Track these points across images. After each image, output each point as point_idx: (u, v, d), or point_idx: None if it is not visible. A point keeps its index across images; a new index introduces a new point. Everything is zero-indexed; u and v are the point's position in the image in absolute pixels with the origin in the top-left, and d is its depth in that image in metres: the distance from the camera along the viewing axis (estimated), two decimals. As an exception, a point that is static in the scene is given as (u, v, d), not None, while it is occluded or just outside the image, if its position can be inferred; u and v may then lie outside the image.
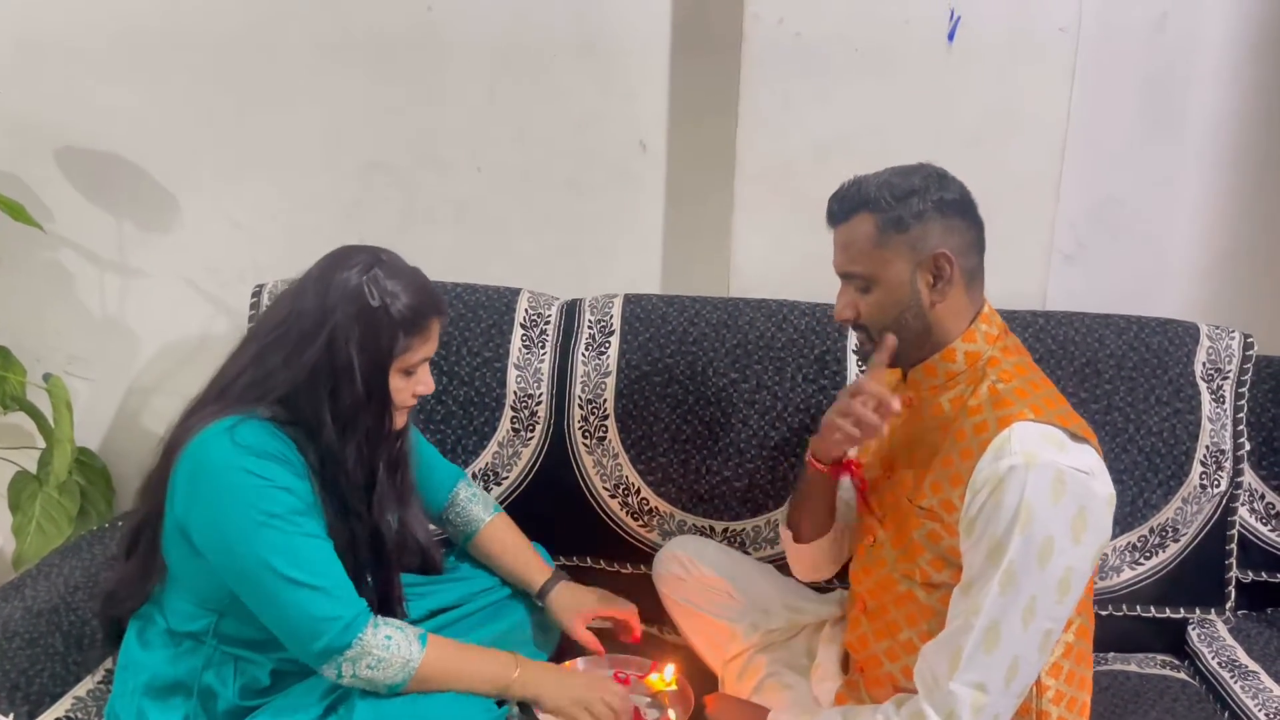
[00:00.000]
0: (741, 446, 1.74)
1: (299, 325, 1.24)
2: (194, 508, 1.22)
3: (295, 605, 1.19)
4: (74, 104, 2.00)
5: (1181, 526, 1.69)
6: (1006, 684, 1.16)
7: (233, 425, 1.21)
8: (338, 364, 1.22)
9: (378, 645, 1.21)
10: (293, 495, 1.21)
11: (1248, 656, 1.64)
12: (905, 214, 1.22)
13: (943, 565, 1.25)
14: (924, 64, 1.77)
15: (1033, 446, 1.15)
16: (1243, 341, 1.72)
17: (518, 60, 1.95)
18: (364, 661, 1.20)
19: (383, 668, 1.21)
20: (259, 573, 1.19)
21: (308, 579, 1.19)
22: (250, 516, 1.18)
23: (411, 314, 1.26)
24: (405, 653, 1.23)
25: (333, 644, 1.19)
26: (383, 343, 1.24)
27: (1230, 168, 1.92)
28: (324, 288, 1.24)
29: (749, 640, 1.55)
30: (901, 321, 1.26)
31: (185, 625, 1.30)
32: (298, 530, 1.20)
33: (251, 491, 1.19)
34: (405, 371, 1.29)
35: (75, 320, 2.11)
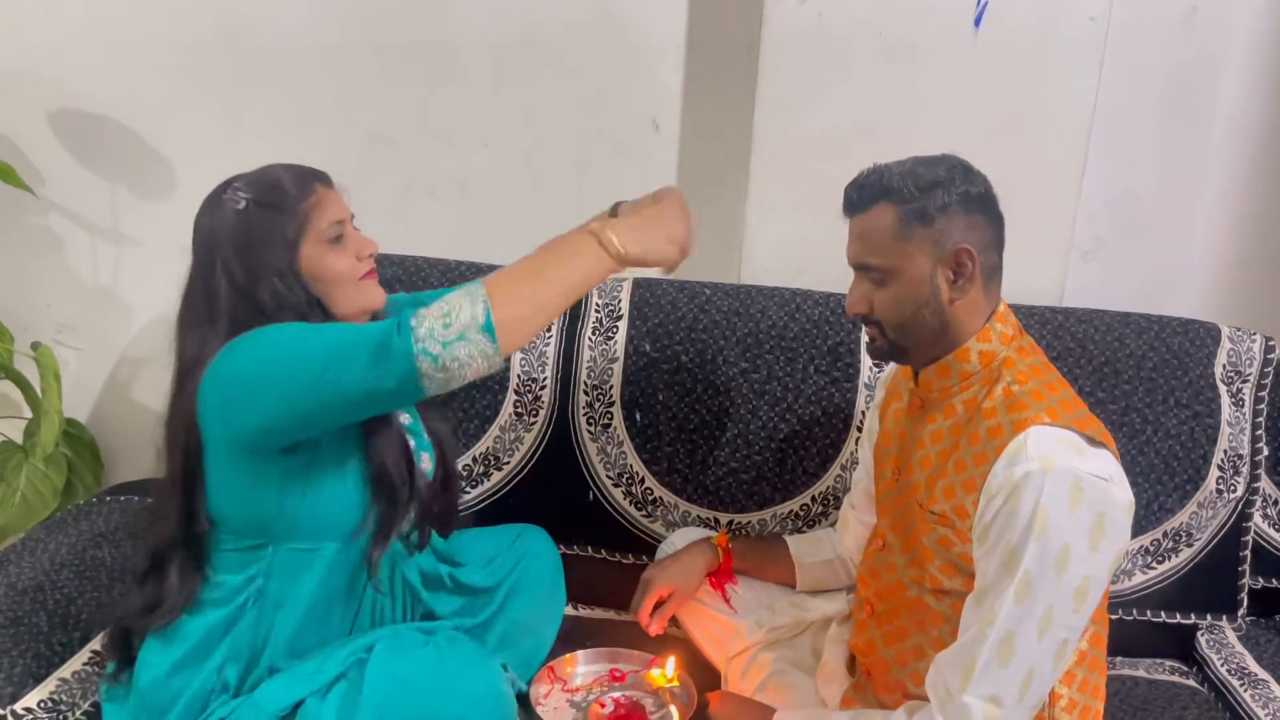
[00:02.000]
0: (750, 438, 1.70)
1: (199, 273, 1.22)
2: (235, 362, 1.16)
3: (348, 345, 1.09)
4: (69, 64, 1.94)
5: (1196, 531, 1.67)
6: (1021, 696, 1.12)
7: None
8: (246, 280, 1.20)
9: (431, 309, 1.07)
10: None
11: (1257, 664, 1.62)
12: (929, 206, 1.18)
13: (954, 572, 1.22)
14: (949, 51, 1.73)
15: (1049, 451, 1.11)
16: (1264, 345, 1.69)
17: (529, 34, 1.89)
18: (436, 324, 1.06)
19: (455, 316, 1.06)
20: (307, 358, 1.11)
21: (341, 333, 1.14)
22: (286, 331, 1.17)
23: (277, 192, 1.23)
24: (465, 297, 1.08)
25: (396, 344, 1.06)
26: (262, 231, 1.21)
27: (1255, 166, 1.89)
28: (197, 226, 1.24)
29: (753, 637, 1.52)
30: (918, 318, 1.22)
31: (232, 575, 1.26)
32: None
33: (279, 328, 1.18)
34: (329, 240, 1.24)
35: (65, 288, 2.06)
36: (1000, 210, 1.24)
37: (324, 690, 1.21)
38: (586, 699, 1.47)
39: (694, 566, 1.54)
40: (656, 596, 1.49)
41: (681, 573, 1.52)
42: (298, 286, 1.22)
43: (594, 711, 1.44)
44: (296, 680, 1.23)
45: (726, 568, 1.55)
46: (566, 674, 1.52)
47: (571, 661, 1.53)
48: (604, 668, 1.54)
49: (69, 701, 1.36)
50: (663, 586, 1.49)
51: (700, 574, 1.54)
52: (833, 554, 1.58)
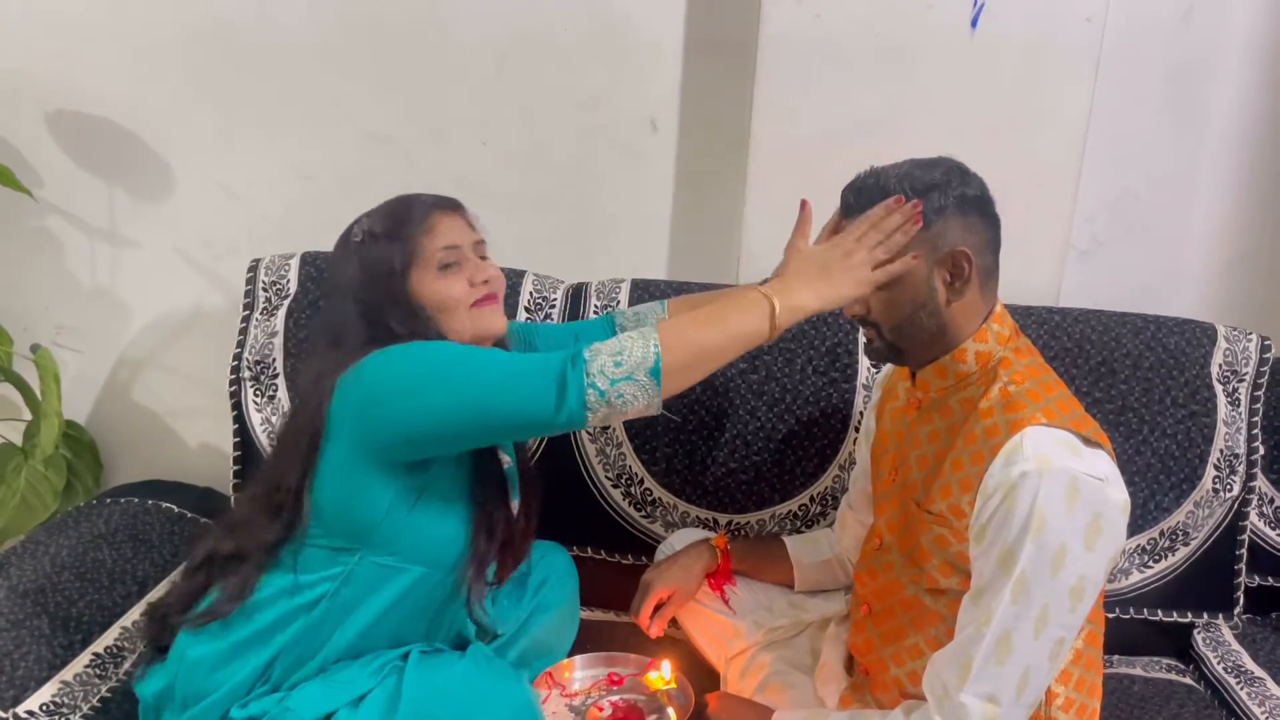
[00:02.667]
0: (748, 439, 1.70)
1: (336, 310, 1.30)
2: (386, 372, 1.18)
3: (520, 376, 1.12)
4: (66, 66, 1.93)
5: (1192, 530, 1.67)
6: (1018, 695, 1.13)
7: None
8: (371, 305, 1.26)
9: (606, 344, 1.11)
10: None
11: (1253, 662, 1.62)
12: (926, 209, 1.18)
13: (951, 571, 1.22)
14: (945, 51, 1.72)
15: (1046, 452, 1.12)
16: (1260, 344, 1.69)
17: (527, 33, 1.89)
18: (607, 361, 1.09)
19: (627, 359, 1.10)
20: (473, 383, 1.13)
21: (507, 367, 1.14)
22: (452, 350, 1.19)
23: (393, 221, 1.29)
24: (638, 338, 1.11)
25: (569, 377, 1.09)
26: (383, 261, 1.26)
27: (1251, 165, 1.89)
28: (331, 268, 1.34)
29: (752, 638, 1.52)
30: (915, 320, 1.22)
31: (318, 571, 1.26)
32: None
33: (432, 345, 1.22)
34: (440, 266, 1.28)
35: (64, 290, 2.06)
36: (996, 212, 1.24)
37: (357, 701, 1.21)
38: (585, 703, 1.48)
39: (693, 568, 1.54)
40: (656, 599, 1.49)
41: (681, 575, 1.53)
42: (417, 313, 1.27)
43: (592, 715, 1.45)
44: (331, 689, 1.23)
45: (725, 569, 1.56)
46: (564, 679, 1.52)
47: (569, 666, 1.54)
48: (601, 672, 1.54)
49: (71, 704, 1.37)
50: (662, 589, 1.50)
51: (699, 575, 1.55)
52: (830, 554, 1.59)
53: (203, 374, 2.07)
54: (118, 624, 1.53)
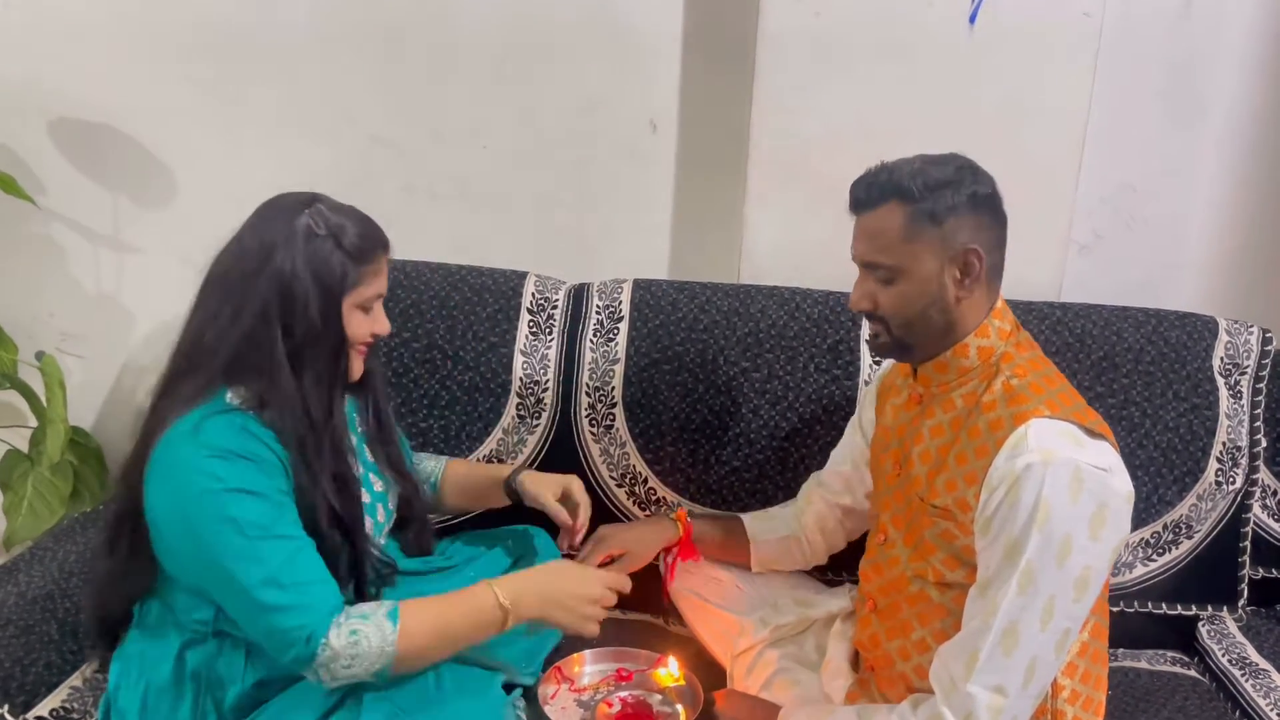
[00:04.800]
0: (752, 437, 1.71)
1: (243, 269, 1.21)
2: (164, 513, 1.19)
3: (262, 623, 1.15)
4: (68, 73, 1.93)
5: (1195, 523, 1.68)
6: (1024, 685, 1.14)
7: (198, 423, 1.17)
8: (289, 298, 1.19)
9: (343, 645, 1.14)
10: (257, 497, 1.16)
11: (1258, 654, 1.63)
12: (939, 207, 1.19)
13: (956, 564, 1.23)
14: (945, 47, 1.73)
15: (1050, 443, 1.13)
16: (1261, 337, 1.70)
17: (527, 36, 1.89)
18: (337, 664, 1.14)
19: (359, 663, 1.15)
20: (227, 585, 1.15)
21: (270, 594, 1.14)
22: (213, 525, 1.14)
23: (361, 242, 1.24)
24: (377, 641, 1.15)
25: (300, 655, 1.14)
26: (335, 273, 1.21)
27: (1250, 159, 1.90)
28: (264, 228, 1.22)
29: (758, 635, 1.53)
30: (925, 316, 1.23)
31: (188, 614, 1.26)
32: (261, 533, 1.15)
33: (213, 496, 1.15)
34: (361, 308, 1.26)
35: (68, 297, 2.06)
36: (1004, 210, 1.25)
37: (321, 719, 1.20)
38: (594, 698, 1.48)
39: (651, 536, 1.53)
40: (608, 554, 1.47)
41: (637, 539, 1.51)
42: (325, 338, 1.22)
43: (601, 711, 1.45)
44: (292, 708, 1.21)
45: (686, 543, 1.54)
46: (574, 674, 1.53)
47: (578, 661, 1.54)
48: (610, 667, 1.54)
49: (80, 709, 1.37)
50: (616, 547, 1.48)
51: (655, 545, 1.53)
52: (787, 531, 1.58)
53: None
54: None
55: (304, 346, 1.21)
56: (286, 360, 1.20)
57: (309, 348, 1.21)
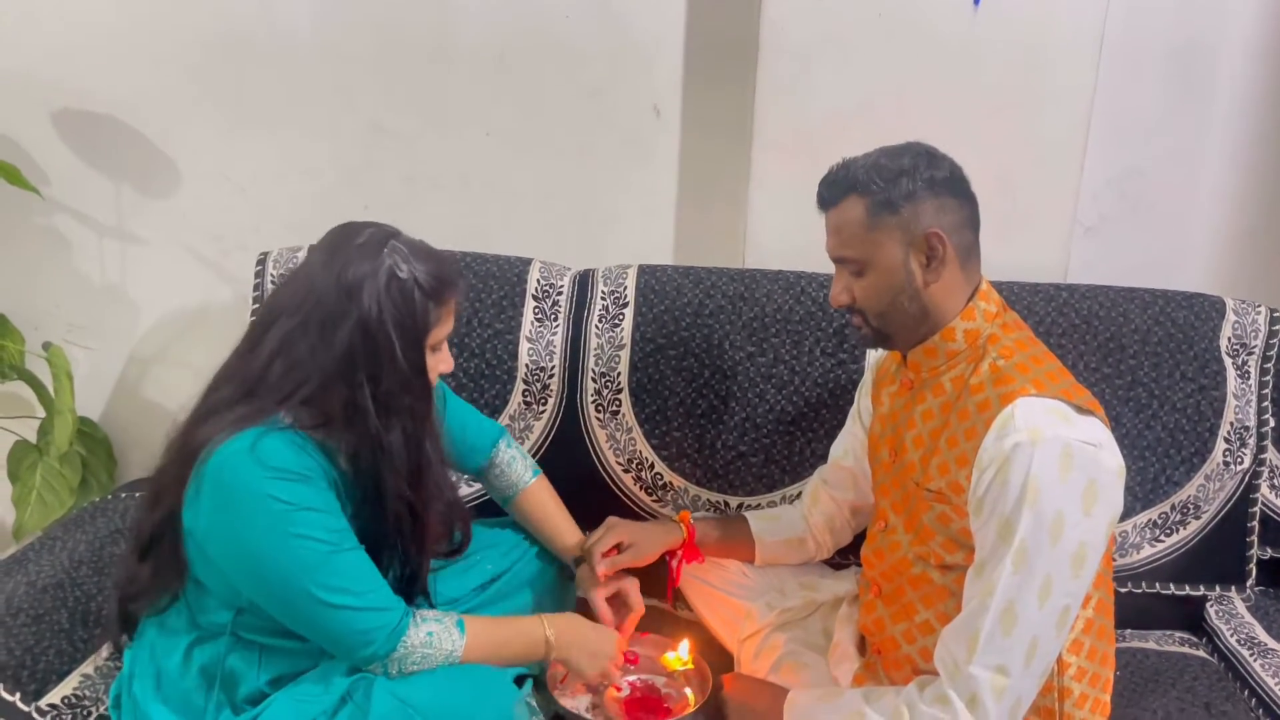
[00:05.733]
0: (758, 421, 1.71)
1: (321, 308, 1.17)
2: (217, 530, 1.18)
3: (338, 623, 1.18)
4: (71, 65, 1.94)
5: (1203, 504, 1.67)
6: (1027, 664, 1.14)
7: (254, 442, 1.15)
8: (375, 344, 1.17)
9: (421, 643, 1.21)
10: (320, 514, 1.17)
11: (1266, 634, 1.63)
12: (895, 195, 1.21)
13: (955, 547, 1.24)
14: (949, 29, 1.73)
15: (1037, 422, 1.13)
16: (1269, 316, 1.70)
17: (528, 23, 1.89)
18: (410, 659, 1.21)
19: (428, 662, 1.22)
20: (295, 597, 1.17)
21: (347, 599, 1.17)
22: (280, 543, 1.15)
23: (438, 283, 1.21)
24: (448, 645, 1.23)
25: (379, 651, 1.19)
26: (418, 315, 1.19)
27: (1256, 140, 1.89)
28: (341, 265, 1.18)
29: (765, 619, 1.53)
30: (897, 305, 1.24)
31: (208, 616, 1.26)
32: (331, 549, 1.17)
33: (279, 518, 1.14)
34: (433, 348, 1.25)
35: (74, 288, 2.06)
36: (971, 192, 1.25)
37: (331, 712, 1.19)
38: (604, 682, 1.49)
39: (656, 536, 1.53)
40: (616, 539, 1.48)
41: (644, 533, 1.52)
42: (410, 381, 1.21)
43: (611, 695, 1.45)
44: (301, 704, 1.21)
45: (690, 544, 1.55)
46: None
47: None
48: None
49: (92, 697, 1.38)
50: (624, 535, 1.49)
51: (660, 545, 1.53)
52: (792, 534, 1.59)
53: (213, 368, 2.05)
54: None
55: (390, 394, 1.19)
56: (373, 406, 1.18)
57: (395, 395, 1.20)
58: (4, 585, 1.47)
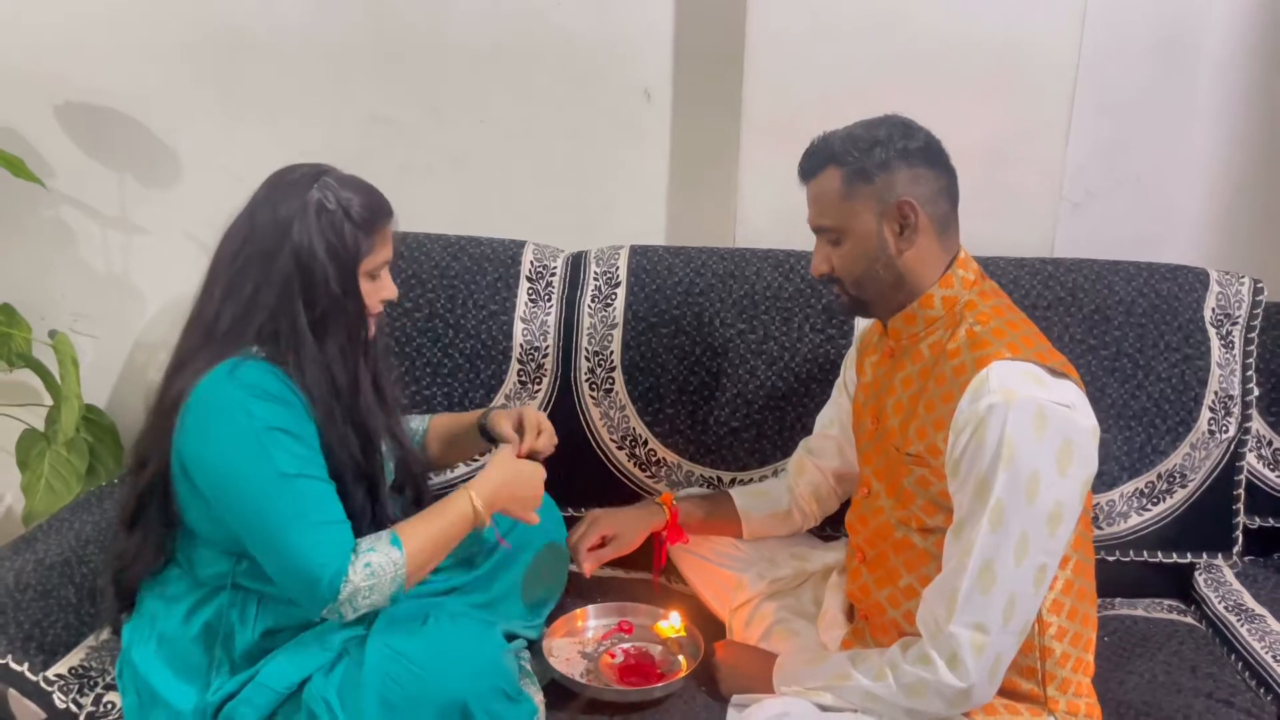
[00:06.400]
0: (749, 397, 1.73)
1: (260, 245, 1.25)
2: (202, 451, 1.23)
3: (288, 554, 1.19)
4: (73, 59, 1.97)
5: (1190, 472, 1.70)
6: (1005, 622, 1.17)
7: (233, 367, 1.22)
8: (308, 272, 1.24)
9: (361, 578, 1.20)
10: (291, 437, 1.22)
11: (1254, 601, 1.65)
12: (869, 165, 1.24)
13: (935, 510, 1.26)
14: (934, 9, 1.75)
15: (1011, 384, 1.16)
16: (1253, 287, 1.72)
17: (521, 9, 1.92)
18: (358, 597, 1.20)
19: (377, 591, 1.21)
20: (256, 517, 1.20)
21: (296, 525, 1.19)
22: (249, 458, 1.19)
23: (369, 213, 1.28)
24: (391, 567, 1.22)
25: (323, 593, 1.19)
26: (348, 244, 1.26)
27: (1240, 113, 1.91)
28: (275, 203, 1.25)
29: (756, 589, 1.56)
30: (872, 272, 1.28)
31: (208, 569, 1.31)
32: (290, 471, 1.21)
33: (251, 434, 1.20)
34: (370, 275, 1.30)
35: (79, 277, 2.10)
36: (949, 163, 1.28)
37: (327, 668, 1.25)
38: (598, 650, 1.52)
39: (639, 521, 1.55)
40: (600, 536, 1.51)
41: (627, 522, 1.54)
42: (346, 308, 1.27)
43: (605, 662, 1.49)
44: (300, 658, 1.26)
45: (673, 525, 1.57)
46: (578, 627, 1.57)
47: (583, 615, 1.58)
48: (614, 621, 1.58)
49: (98, 668, 1.42)
50: (608, 529, 1.52)
51: (643, 529, 1.55)
52: (778, 507, 1.61)
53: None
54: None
55: (326, 317, 1.26)
56: (310, 331, 1.25)
57: (331, 318, 1.27)
58: (13, 563, 1.51)
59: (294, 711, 1.23)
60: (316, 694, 1.22)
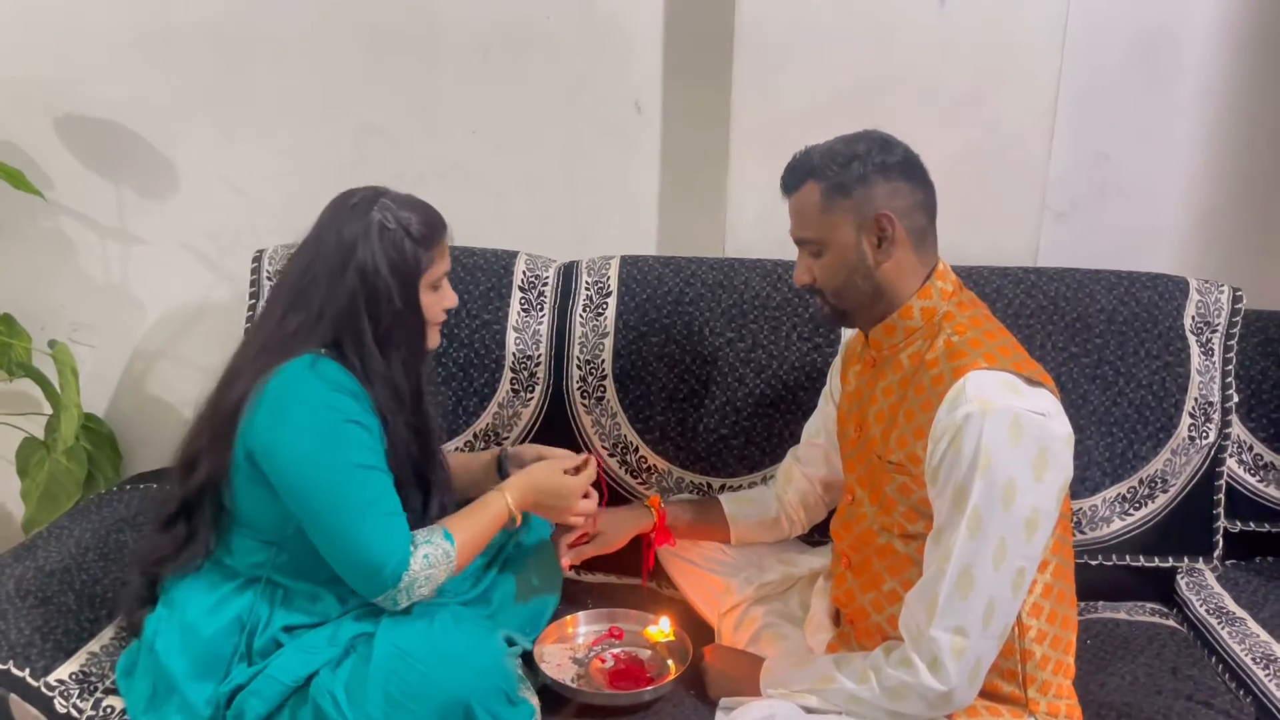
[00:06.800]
0: (738, 405, 1.76)
1: (326, 266, 1.33)
2: (276, 438, 1.29)
3: (354, 542, 1.27)
4: (71, 71, 2.01)
5: (1171, 477, 1.72)
6: (985, 626, 1.20)
7: (312, 361, 1.30)
8: (373, 289, 1.32)
9: (420, 567, 1.29)
10: (364, 430, 1.30)
11: (1235, 604, 1.67)
12: (848, 179, 1.27)
13: (916, 517, 1.29)
14: (917, 24, 1.78)
15: (988, 393, 1.19)
16: (1231, 295, 1.74)
17: (512, 22, 1.95)
18: (415, 586, 1.29)
19: (430, 581, 1.30)
20: (324, 506, 1.27)
21: (365, 515, 1.27)
22: (327, 448, 1.27)
23: (427, 229, 1.37)
24: (444, 559, 1.31)
25: (386, 581, 1.27)
26: (409, 260, 1.34)
27: (1219, 124, 1.94)
28: (338, 227, 1.34)
29: (744, 594, 1.59)
30: (851, 283, 1.31)
31: (245, 559, 1.36)
32: (363, 463, 1.29)
33: (331, 425, 1.28)
34: (432, 286, 1.39)
35: (78, 288, 2.13)
36: (926, 177, 1.31)
37: (335, 663, 1.30)
38: (588, 655, 1.54)
39: (625, 521, 1.59)
40: (582, 533, 1.54)
41: (612, 521, 1.57)
42: (408, 321, 1.36)
43: (595, 667, 1.51)
44: (309, 654, 1.31)
45: (660, 527, 1.60)
46: (569, 633, 1.59)
47: (573, 622, 1.60)
48: (604, 627, 1.61)
49: (98, 674, 1.44)
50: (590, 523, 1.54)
51: (628, 529, 1.58)
52: (765, 515, 1.64)
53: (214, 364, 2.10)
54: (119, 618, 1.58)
55: (390, 331, 1.35)
56: (375, 345, 1.33)
57: (395, 331, 1.35)
58: (14, 570, 1.53)
59: (301, 704, 1.27)
60: (323, 688, 1.26)
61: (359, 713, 1.23)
